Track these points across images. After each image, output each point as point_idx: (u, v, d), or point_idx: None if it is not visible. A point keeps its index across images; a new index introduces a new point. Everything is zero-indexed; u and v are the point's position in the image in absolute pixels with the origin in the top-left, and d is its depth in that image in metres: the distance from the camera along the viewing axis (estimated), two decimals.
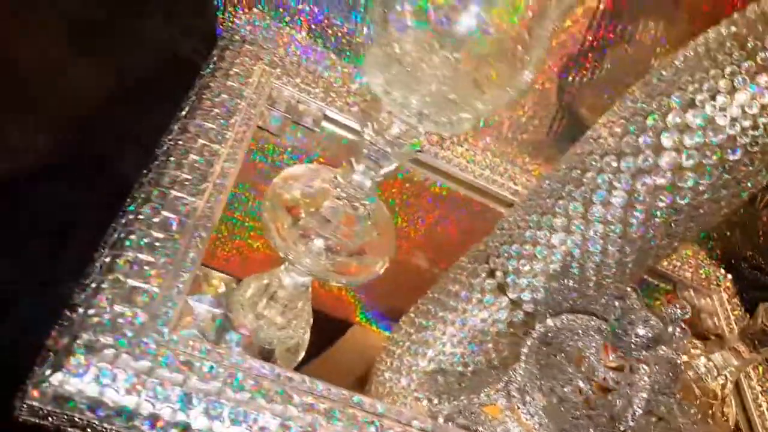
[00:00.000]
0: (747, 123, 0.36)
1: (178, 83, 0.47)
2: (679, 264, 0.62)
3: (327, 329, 0.56)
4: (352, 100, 0.53)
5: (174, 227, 0.37)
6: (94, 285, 0.33)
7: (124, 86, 0.45)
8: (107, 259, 0.35)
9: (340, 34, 0.53)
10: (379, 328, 0.78)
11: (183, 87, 0.47)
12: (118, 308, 0.32)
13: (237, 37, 0.50)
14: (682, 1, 0.53)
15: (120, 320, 0.32)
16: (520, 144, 0.62)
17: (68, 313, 0.32)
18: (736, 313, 0.61)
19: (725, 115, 0.36)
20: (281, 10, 0.52)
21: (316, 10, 0.52)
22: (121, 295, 0.33)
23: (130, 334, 0.32)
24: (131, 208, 0.37)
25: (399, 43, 0.33)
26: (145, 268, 0.34)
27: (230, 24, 0.51)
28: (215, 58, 0.48)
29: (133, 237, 0.36)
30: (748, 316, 0.61)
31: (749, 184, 0.38)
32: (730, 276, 0.64)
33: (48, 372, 0.30)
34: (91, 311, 0.32)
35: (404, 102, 0.35)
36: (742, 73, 0.35)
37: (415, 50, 0.33)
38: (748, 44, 0.35)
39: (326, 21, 0.53)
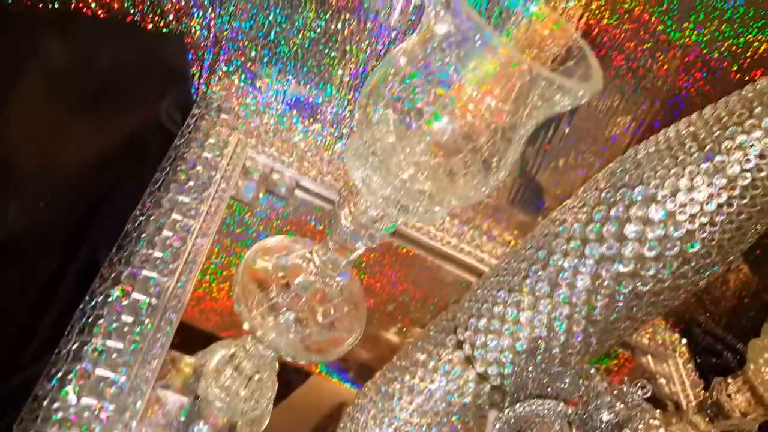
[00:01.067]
0: (705, 219, 0.38)
1: (153, 151, 0.47)
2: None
3: (287, 379, 0.55)
4: (325, 169, 0.54)
5: (144, 310, 0.36)
6: (60, 374, 0.33)
7: (96, 155, 0.45)
8: (74, 346, 0.34)
9: (314, 104, 0.54)
10: (340, 379, 0.77)
11: (157, 155, 0.47)
12: (84, 401, 0.32)
13: (213, 106, 0.51)
14: (643, 84, 0.56)
15: (86, 414, 0.31)
16: (484, 209, 0.64)
17: (32, 405, 0.32)
18: (691, 378, 0.63)
19: (685, 212, 0.38)
20: (257, 80, 0.53)
21: (291, 80, 0.53)
22: (89, 386, 0.32)
23: (97, 429, 0.31)
24: (101, 290, 0.37)
25: (380, 140, 0.34)
26: (114, 356, 0.34)
27: (206, 92, 0.51)
28: (190, 128, 0.48)
29: (101, 322, 0.35)
30: (702, 381, 0.63)
31: (706, 274, 0.40)
32: (685, 341, 0.66)
33: None
34: (56, 404, 0.31)
35: (382, 192, 0.36)
36: (701, 174, 0.37)
37: (395, 146, 0.34)
38: (707, 146, 0.37)
39: (301, 91, 0.53)
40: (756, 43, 0.54)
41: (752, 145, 0.36)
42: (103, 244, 0.41)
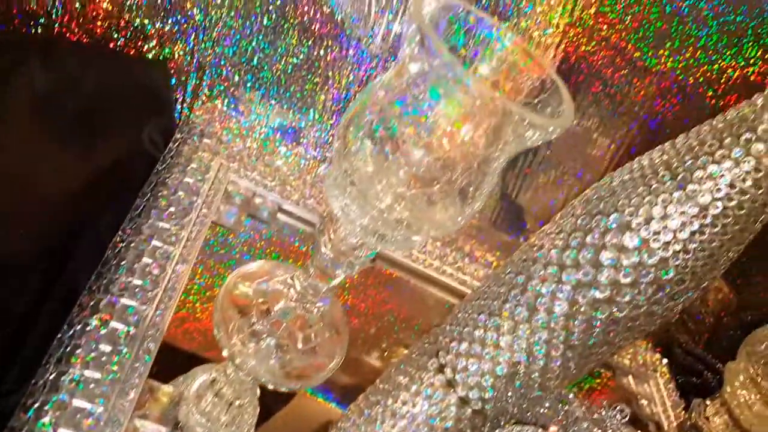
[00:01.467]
0: (678, 247, 0.38)
1: (135, 176, 0.47)
2: None
3: (270, 399, 0.55)
4: (308, 193, 0.54)
5: (122, 339, 0.36)
6: (36, 405, 0.32)
7: (78, 181, 0.45)
8: (52, 376, 0.34)
9: (297, 128, 0.55)
10: (325, 399, 0.77)
11: (140, 181, 0.47)
12: None
13: (195, 131, 0.51)
14: (620, 109, 0.57)
15: None
16: (467, 230, 0.65)
17: None
18: (672, 398, 0.63)
19: (658, 240, 0.38)
20: (240, 104, 0.53)
21: (275, 105, 0.53)
22: (65, 417, 0.32)
23: None
24: (79, 318, 0.37)
25: (359, 170, 0.34)
26: (91, 386, 0.34)
27: (189, 116, 0.52)
28: (172, 153, 0.48)
29: (79, 351, 0.35)
30: (683, 401, 0.64)
31: (681, 300, 0.41)
32: (666, 361, 0.67)
33: None
34: None
35: (361, 221, 0.36)
36: (674, 202, 0.38)
37: (373, 176, 0.34)
38: (679, 175, 0.38)
39: (285, 116, 0.54)
40: (730, 70, 0.56)
41: (722, 175, 0.37)
42: (84, 271, 0.41)
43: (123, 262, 0.40)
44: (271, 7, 0.49)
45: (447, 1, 0.33)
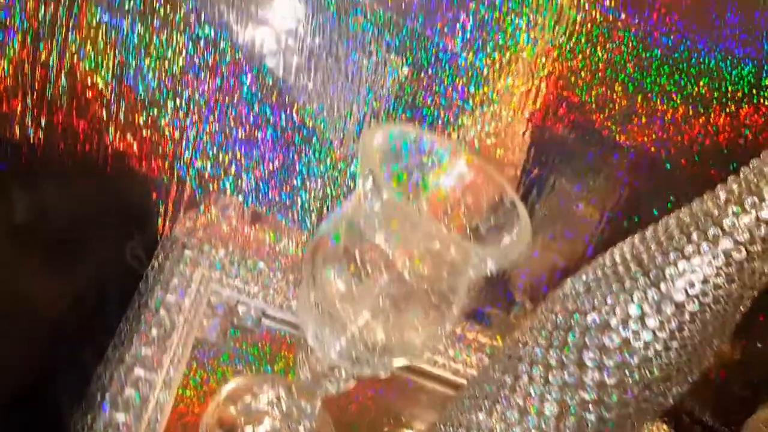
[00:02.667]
0: (659, 346, 0.38)
1: (120, 299, 0.48)
2: None
3: None
4: (291, 294, 0.54)
5: None
6: None
7: (61, 308, 0.45)
8: None
9: (279, 230, 0.55)
10: None
11: (124, 303, 0.47)
12: None
13: (177, 243, 0.52)
14: (596, 185, 0.58)
15: None
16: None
17: None
18: None
19: (639, 339, 0.38)
20: (220, 213, 0.54)
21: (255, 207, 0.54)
22: None
23: None
24: None
25: (328, 297, 0.34)
26: None
27: (171, 230, 0.53)
28: (155, 270, 0.49)
29: None
30: None
31: (670, 395, 0.40)
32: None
33: None
34: None
35: (335, 346, 0.36)
36: (649, 301, 0.38)
37: (342, 303, 0.34)
38: (651, 272, 0.38)
39: (267, 215, 0.55)
40: (699, 138, 0.56)
41: (695, 271, 0.37)
42: (67, 407, 0.41)
43: (106, 396, 0.40)
44: (243, 120, 0.51)
45: (400, 130, 0.33)
